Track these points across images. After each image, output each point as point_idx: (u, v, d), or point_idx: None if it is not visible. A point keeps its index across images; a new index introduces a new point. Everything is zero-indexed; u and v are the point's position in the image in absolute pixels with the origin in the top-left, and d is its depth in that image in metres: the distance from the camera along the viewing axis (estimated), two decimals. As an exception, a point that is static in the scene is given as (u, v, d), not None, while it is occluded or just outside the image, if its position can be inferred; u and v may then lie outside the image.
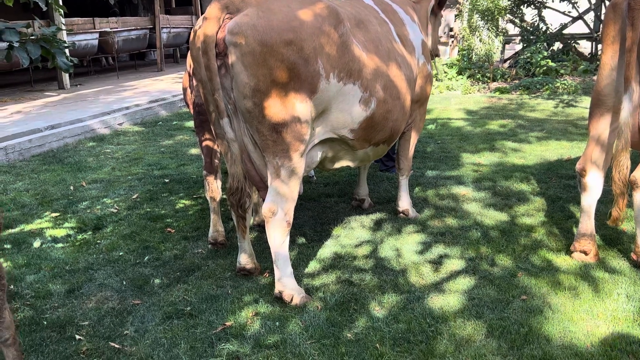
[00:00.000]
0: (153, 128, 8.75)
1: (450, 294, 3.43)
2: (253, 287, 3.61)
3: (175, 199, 5.39)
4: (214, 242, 4.20)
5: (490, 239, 4.18)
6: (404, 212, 4.63)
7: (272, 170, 3.26)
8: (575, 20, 13.23)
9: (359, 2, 4.11)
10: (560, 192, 5.12)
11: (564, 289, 3.42)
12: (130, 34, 13.99)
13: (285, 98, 3.10)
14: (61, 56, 2.62)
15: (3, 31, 2.40)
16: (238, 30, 3.01)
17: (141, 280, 3.74)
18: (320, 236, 4.36)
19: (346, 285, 3.57)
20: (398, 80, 3.77)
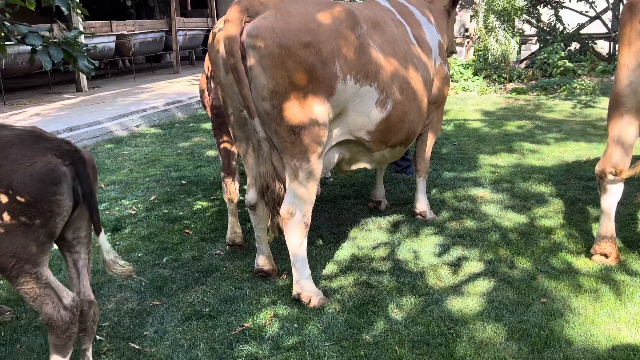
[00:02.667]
0: (170, 130, 8.81)
1: (469, 296, 3.41)
2: (271, 289, 3.61)
3: (193, 201, 5.42)
4: (232, 243, 4.22)
5: (509, 241, 4.15)
6: (421, 214, 4.61)
7: (290, 172, 3.27)
8: (592, 20, 13.10)
9: (376, 3, 4.11)
10: (579, 193, 5.07)
11: (584, 292, 3.39)
12: (147, 36, 14.11)
13: (303, 100, 3.11)
14: (83, 59, 2.64)
15: (27, 35, 2.43)
16: (257, 32, 3.02)
17: (160, 282, 3.77)
18: (337, 238, 4.36)
19: (364, 287, 3.56)
20: (415, 82, 3.76)
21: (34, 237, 2.37)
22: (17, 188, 2.31)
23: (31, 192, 2.32)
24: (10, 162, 2.32)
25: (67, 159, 2.44)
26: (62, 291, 2.51)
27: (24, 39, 2.44)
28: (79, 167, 2.46)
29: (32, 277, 2.40)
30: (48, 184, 2.36)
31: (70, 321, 2.50)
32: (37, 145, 2.41)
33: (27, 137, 2.43)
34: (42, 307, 2.44)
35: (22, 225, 2.33)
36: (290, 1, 3.21)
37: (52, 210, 2.39)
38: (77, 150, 2.50)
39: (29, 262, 2.38)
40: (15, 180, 2.31)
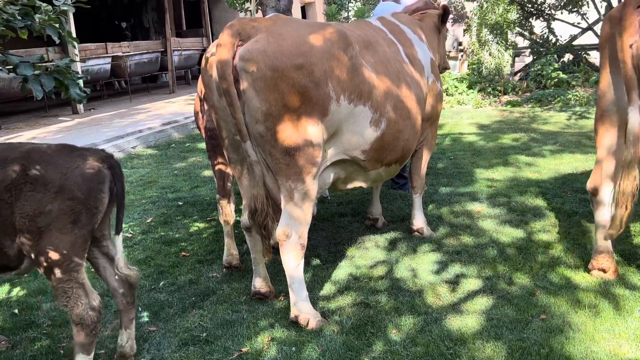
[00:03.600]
0: (166, 151, 8.81)
1: (468, 314, 3.38)
2: (268, 311, 3.59)
3: (189, 222, 5.40)
4: (229, 265, 4.19)
5: (507, 256, 4.13)
6: (419, 231, 4.60)
7: (285, 194, 3.26)
8: (584, 31, 13.21)
9: (367, 23, 4.13)
10: (576, 206, 5.06)
11: (584, 308, 3.37)
12: (142, 57, 14.18)
13: (297, 122, 3.11)
14: (74, 87, 2.65)
15: (18, 65, 2.44)
16: (249, 56, 3.03)
17: (157, 306, 3.74)
18: (334, 257, 4.34)
19: (362, 308, 3.54)
20: (408, 101, 3.77)
21: (81, 234, 2.68)
22: (71, 187, 2.62)
23: (83, 190, 2.65)
24: (59, 167, 2.64)
25: (106, 162, 2.79)
26: (92, 292, 2.77)
27: (15, 69, 2.44)
28: (115, 169, 2.81)
29: (75, 274, 2.68)
30: (96, 182, 2.72)
31: (97, 320, 2.75)
32: (75, 152, 2.76)
33: (62, 148, 2.77)
34: (75, 307, 2.68)
35: (72, 222, 2.64)
36: (282, 24, 3.22)
37: (96, 207, 2.73)
38: (111, 155, 2.87)
39: (75, 257, 2.67)
40: (68, 181, 2.63)
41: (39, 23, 2.56)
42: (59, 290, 2.68)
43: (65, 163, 2.69)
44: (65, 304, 2.69)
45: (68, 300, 2.68)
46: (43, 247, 2.61)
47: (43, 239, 2.60)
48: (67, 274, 2.66)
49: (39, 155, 2.69)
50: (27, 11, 2.57)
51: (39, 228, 2.59)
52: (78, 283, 2.69)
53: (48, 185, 2.60)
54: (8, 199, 2.60)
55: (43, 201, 2.59)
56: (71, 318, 2.71)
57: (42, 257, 2.62)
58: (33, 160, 2.65)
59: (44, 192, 2.59)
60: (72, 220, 2.64)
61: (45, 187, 2.60)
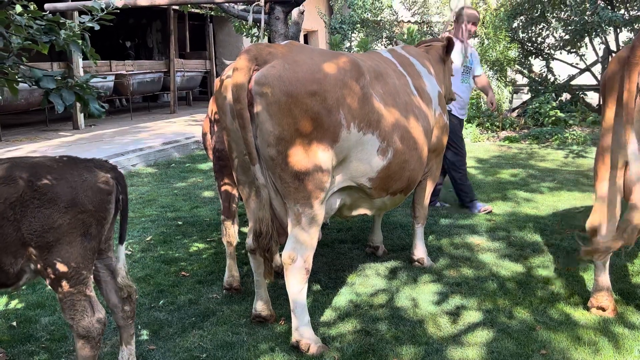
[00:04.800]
0: (166, 170, 8.83)
1: (469, 346, 3.39)
2: (269, 335, 3.58)
3: (189, 242, 5.40)
4: (229, 287, 4.19)
5: (507, 290, 4.15)
6: (419, 261, 4.62)
7: (292, 217, 3.29)
8: (582, 71, 13.43)
9: (378, 55, 4.22)
10: (574, 244, 5.10)
11: (583, 344, 3.38)
12: (145, 76, 14.30)
13: (308, 147, 3.16)
14: (94, 102, 2.69)
15: (41, 79, 2.48)
16: (265, 81, 3.09)
17: (156, 325, 3.73)
18: (335, 283, 4.34)
19: (363, 335, 3.54)
20: (415, 132, 3.83)
21: (90, 246, 2.71)
22: (81, 200, 2.65)
23: (94, 202, 2.69)
24: (67, 181, 2.66)
25: (111, 173, 2.84)
26: (98, 305, 2.78)
27: (38, 82, 2.48)
28: (120, 180, 2.87)
29: (82, 286, 2.69)
30: (105, 194, 2.76)
31: (102, 333, 2.77)
32: (80, 165, 2.79)
33: (67, 161, 2.80)
34: (82, 320, 2.69)
35: (82, 235, 2.67)
36: (297, 51, 3.30)
37: (105, 218, 2.78)
38: (115, 167, 2.93)
39: (84, 269, 2.70)
40: (79, 194, 2.65)
41: (63, 39, 2.61)
42: (66, 303, 2.68)
43: (73, 176, 2.69)
44: (72, 316, 2.68)
45: (75, 313, 2.67)
46: (52, 260, 2.61)
47: (52, 253, 2.61)
48: (75, 287, 2.66)
49: (45, 169, 2.68)
50: (52, 27, 2.62)
51: (48, 243, 2.59)
52: (85, 296, 2.70)
53: (57, 200, 2.61)
54: (11, 217, 2.57)
55: (52, 216, 2.59)
56: (76, 331, 2.69)
57: (50, 270, 2.63)
58: (39, 175, 2.63)
59: (53, 207, 2.59)
60: (82, 233, 2.66)
61: (55, 202, 2.60)
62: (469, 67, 6.24)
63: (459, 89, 5.91)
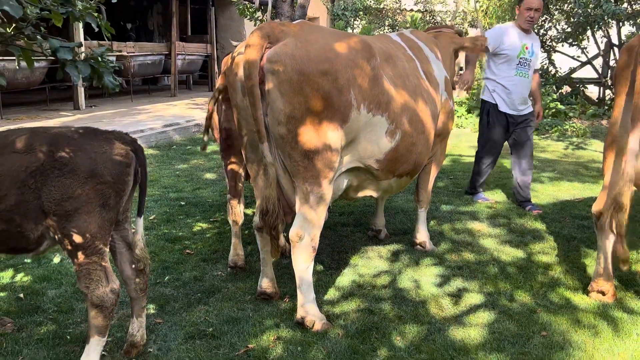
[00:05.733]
0: (167, 152, 8.84)
1: (471, 327, 3.45)
2: (274, 312, 3.63)
3: (192, 222, 5.43)
4: (234, 265, 4.23)
5: (507, 275, 4.21)
6: (421, 245, 4.67)
7: (301, 196, 3.32)
8: (583, 64, 13.46)
9: (388, 38, 4.24)
10: (574, 231, 5.16)
11: (583, 327, 3.44)
12: (146, 58, 14.23)
13: (318, 126, 3.19)
14: (108, 75, 2.71)
15: (58, 49, 2.49)
16: (277, 58, 3.11)
17: (162, 300, 3.77)
18: (338, 264, 4.39)
19: (366, 314, 3.59)
20: (423, 115, 3.86)
21: (108, 217, 2.75)
22: (101, 171, 2.68)
23: (113, 174, 2.72)
24: (87, 152, 2.69)
25: (131, 145, 2.87)
26: (112, 275, 2.81)
27: (55, 52, 2.50)
28: (139, 152, 2.89)
29: (98, 256, 2.73)
30: (124, 166, 2.79)
31: (116, 304, 2.81)
32: (101, 136, 2.82)
33: (88, 132, 2.83)
34: (97, 289, 2.73)
35: (101, 205, 2.70)
36: (309, 30, 3.31)
37: (123, 190, 2.80)
38: (135, 140, 2.93)
39: (102, 240, 2.74)
40: (99, 165, 2.69)
41: (79, 10, 2.62)
42: (82, 272, 2.72)
43: (93, 147, 2.74)
44: (87, 285, 2.72)
45: (90, 282, 2.71)
46: (70, 230, 2.65)
47: (71, 222, 2.64)
48: (91, 257, 2.70)
49: (65, 140, 2.74)
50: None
51: (66, 212, 2.63)
52: (101, 266, 2.74)
53: (77, 170, 2.65)
54: (32, 185, 2.63)
55: (72, 186, 2.63)
56: (90, 300, 2.73)
57: (68, 239, 2.66)
58: (60, 145, 2.69)
59: (73, 177, 2.64)
60: (101, 204, 2.69)
61: (75, 172, 2.65)
62: (527, 60, 5.72)
63: (510, 80, 5.72)
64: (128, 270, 3.05)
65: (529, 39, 5.77)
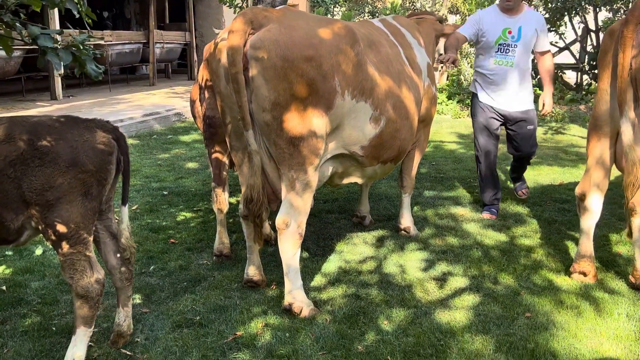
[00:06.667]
0: (148, 141, 8.75)
1: (456, 310, 3.49)
2: (261, 299, 3.63)
3: (176, 211, 5.40)
4: (219, 253, 4.22)
5: (491, 258, 4.26)
6: (406, 230, 4.70)
7: (286, 183, 3.32)
8: (561, 50, 13.57)
9: (370, 24, 4.23)
10: (555, 215, 5.24)
11: (566, 308, 3.51)
12: (124, 47, 14.02)
13: (303, 112, 3.18)
14: (90, 63, 2.66)
15: (38, 36, 2.44)
16: (261, 44, 3.09)
17: (148, 290, 3.75)
18: (323, 251, 4.41)
19: (353, 299, 3.61)
20: (407, 101, 3.88)
21: (91, 206, 2.71)
22: (82, 160, 2.65)
23: (94, 163, 2.69)
24: (68, 141, 2.65)
25: (112, 133, 2.83)
26: (97, 265, 2.79)
27: (35, 40, 2.45)
28: (121, 141, 2.86)
29: (82, 246, 2.71)
30: (106, 154, 2.75)
31: (101, 294, 2.79)
32: (82, 124, 2.77)
33: (67, 120, 2.77)
34: (81, 279, 2.71)
35: (83, 194, 2.67)
36: (292, 16, 3.29)
37: (106, 179, 2.77)
38: (116, 128, 2.90)
39: (85, 229, 2.71)
40: (80, 154, 2.65)
41: (59, -4, 2.57)
42: (66, 262, 2.69)
43: (74, 136, 2.70)
44: (72, 276, 2.69)
45: (74, 272, 2.69)
46: (52, 220, 2.62)
47: (53, 212, 2.61)
48: (75, 247, 2.68)
49: (45, 129, 2.69)
50: (47, -17, 2.57)
51: (48, 202, 2.60)
52: (85, 256, 2.71)
53: (58, 159, 2.61)
54: (12, 174, 2.58)
55: (53, 175, 2.60)
56: (75, 290, 2.71)
57: (51, 229, 2.63)
58: (40, 134, 2.65)
59: (54, 166, 2.60)
60: (83, 193, 2.66)
61: (55, 162, 2.61)
62: (507, 45, 4.99)
63: (490, 70, 5.08)
64: (113, 260, 3.03)
65: (515, 20, 4.97)
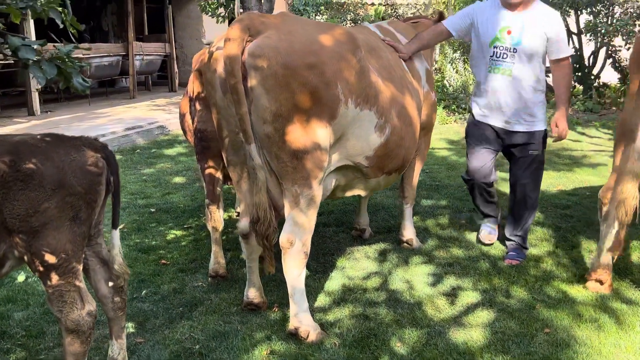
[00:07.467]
0: (132, 156, 8.47)
1: (472, 327, 3.30)
2: (263, 323, 3.41)
3: (165, 229, 5.15)
4: (215, 274, 3.99)
5: (499, 269, 4.09)
6: (408, 242, 4.52)
7: (290, 199, 3.11)
8: (545, 54, 13.59)
9: (366, 29, 4.06)
10: (558, 221, 5.10)
11: (585, 322, 3.34)
12: (103, 60, 13.71)
13: (306, 123, 2.98)
14: (77, 77, 2.44)
15: (19, 48, 2.22)
16: (260, 52, 2.89)
17: (141, 317, 3.50)
18: (324, 267, 4.20)
19: (362, 320, 3.41)
20: (410, 108, 3.70)
21: (80, 232, 2.47)
22: (70, 182, 2.42)
23: (83, 184, 2.46)
24: (54, 161, 2.42)
25: (101, 152, 2.60)
26: (88, 296, 2.55)
27: (15, 52, 2.22)
28: (110, 159, 2.64)
29: (72, 276, 2.47)
30: (95, 175, 2.52)
31: (93, 327, 2.56)
32: (68, 143, 2.53)
33: (52, 139, 2.53)
34: (71, 313, 2.47)
35: (72, 218, 2.43)
36: (291, 22, 3.10)
37: (95, 201, 2.54)
38: (105, 145, 2.67)
39: (74, 257, 2.47)
40: (67, 175, 2.42)
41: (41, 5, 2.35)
42: (54, 294, 2.44)
43: (60, 156, 2.46)
44: (60, 309, 2.45)
45: (63, 305, 2.44)
46: (39, 248, 2.37)
47: (38, 240, 2.37)
48: (63, 277, 2.43)
49: (29, 149, 2.45)
50: (28, -10, 2.35)
51: (33, 228, 2.36)
52: (75, 286, 2.47)
53: (43, 181, 2.37)
54: None
55: (38, 199, 2.36)
56: (65, 325, 2.46)
57: (37, 259, 2.39)
58: (23, 154, 2.40)
59: (39, 189, 2.36)
60: (71, 217, 2.42)
61: (40, 184, 2.37)
62: (506, 49, 3.95)
63: (484, 79, 4.15)
64: (104, 289, 2.78)
65: (518, 17, 3.89)
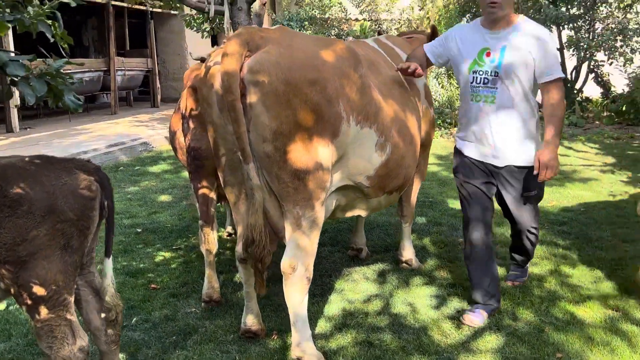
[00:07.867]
0: (115, 174, 8.24)
1: (481, 354, 3.17)
2: (262, 352, 3.23)
3: (153, 251, 4.95)
4: (209, 299, 3.81)
5: (503, 290, 3.96)
6: (407, 262, 4.38)
7: (291, 221, 2.95)
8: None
9: (365, 44, 3.95)
10: (555, 238, 5.01)
11: (597, 345, 3.23)
12: (84, 75, 13.47)
13: (308, 142, 2.84)
14: (69, 94, 2.28)
15: (7, 64, 2.05)
16: (260, 68, 2.75)
17: (132, 347, 3.30)
18: (322, 290, 4.04)
19: (366, 347, 3.25)
20: (411, 125, 3.59)
21: (72, 261, 2.32)
22: (61, 208, 2.26)
23: (75, 210, 2.31)
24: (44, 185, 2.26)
25: (94, 175, 2.46)
26: (80, 330, 2.39)
27: (3, 68, 2.06)
28: (104, 183, 2.49)
29: (63, 309, 2.30)
30: (88, 199, 2.37)
31: None
32: (58, 166, 2.38)
33: (41, 161, 2.39)
34: (62, 349, 2.28)
35: (63, 247, 2.27)
36: (290, 36, 2.97)
37: (88, 228, 2.39)
38: (99, 168, 2.54)
39: (65, 289, 2.31)
40: (59, 200, 2.26)
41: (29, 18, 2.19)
42: (43, 329, 2.26)
43: (50, 180, 2.30)
44: (50, 345, 2.27)
45: (53, 340, 2.26)
46: (27, 279, 2.20)
47: (26, 270, 2.19)
48: (54, 310, 2.26)
49: (16, 172, 2.29)
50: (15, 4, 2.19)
51: (20, 258, 2.18)
52: (66, 320, 2.30)
53: (32, 207, 2.20)
54: None
55: (26, 227, 2.19)
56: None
57: (25, 292, 2.21)
58: (10, 178, 2.24)
59: (27, 215, 2.19)
60: (62, 246, 2.26)
61: (29, 210, 2.20)
62: (485, 73, 3.47)
63: (467, 108, 3.66)
64: (97, 321, 2.60)
65: (499, 38, 3.43)
